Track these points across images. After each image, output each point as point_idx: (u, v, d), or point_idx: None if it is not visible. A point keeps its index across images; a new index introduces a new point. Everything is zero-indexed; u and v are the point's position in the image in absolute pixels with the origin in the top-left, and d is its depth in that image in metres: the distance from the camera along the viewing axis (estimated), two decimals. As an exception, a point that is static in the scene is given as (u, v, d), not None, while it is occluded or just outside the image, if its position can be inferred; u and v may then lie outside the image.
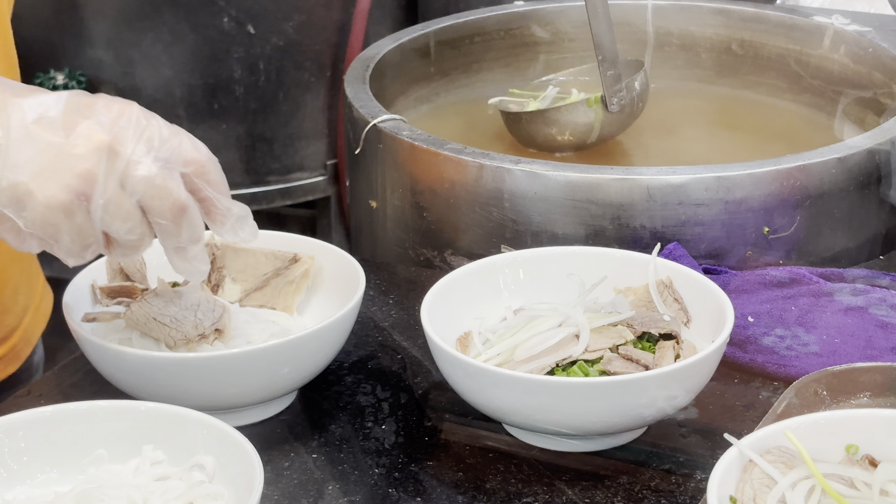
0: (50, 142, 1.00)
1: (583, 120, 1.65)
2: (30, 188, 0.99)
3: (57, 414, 1.04)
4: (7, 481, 1.01)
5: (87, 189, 1.00)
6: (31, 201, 0.99)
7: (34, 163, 1.00)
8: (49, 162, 0.99)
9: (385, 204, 1.54)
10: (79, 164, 1.00)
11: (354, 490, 1.09)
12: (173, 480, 1.01)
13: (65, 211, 1.00)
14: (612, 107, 1.65)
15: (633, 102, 1.67)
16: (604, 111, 1.65)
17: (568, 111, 1.65)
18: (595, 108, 1.65)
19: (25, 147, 1.00)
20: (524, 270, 1.25)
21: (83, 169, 1.00)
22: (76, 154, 1.00)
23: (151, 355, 1.11)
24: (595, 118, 1.65)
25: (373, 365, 1.27)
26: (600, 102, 1.65)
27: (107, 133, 1.01)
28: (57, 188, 0.99)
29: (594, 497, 1.07)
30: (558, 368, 1.12)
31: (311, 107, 2.64)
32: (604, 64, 1.64)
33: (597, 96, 1.65)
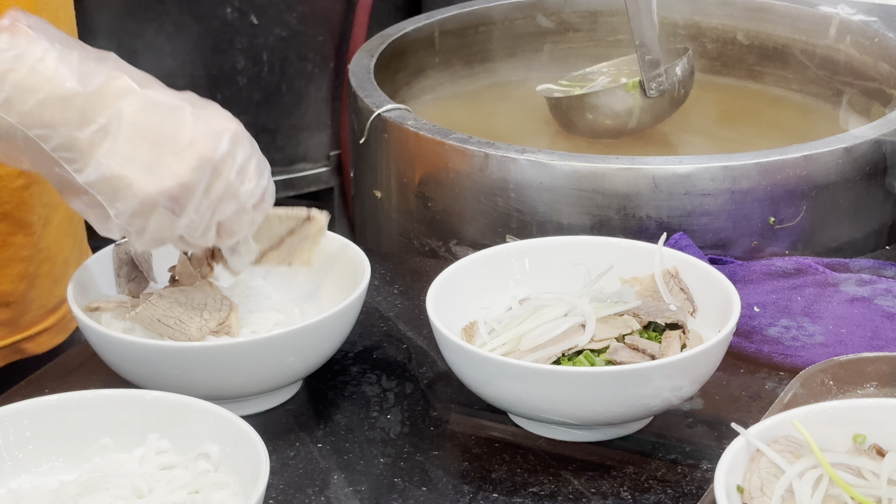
0: (159, 141, 1.03)
1: (621, 105, 1.64)
2: (130, 182, 1.02)
3: (62, 403, 1.04)
4: (12, 470, 1.01)
5: (183, 199, 1.04)
6: (127, 195, 1.02)
7: (140, 158, 1.02)
8: (155, 161, 1.02)
9: (390, 194, 1.54)
10: (183, 173, 1.03)
11: (360, 479, 1.09)
12: (178, 469, 1.01)
13: (156, 212, 1.04)
14: (651, 92, 1.63)
15: (674, 88, 1.66)
16: (643, 97, 1.64)
17: (606, 95, 1.64)
18: (633, 93, 1.63)
19: (134, 140, 1.02)
20: (530, 260, 1.25)
21: (185, 179, 1.03)
22: (182, 162, 1.03)
23: (156, 344, 1.11)
24: (634, 103, 1.64)
25: (378, 355, 1.26)
26: (639, 87, 1.64)
27: (214, 151, 1.04)
28: (156, 190, 1.03)
29: (600, 487, 1.07)
30: (564, 358, 1.12)
31: (314, 98, 2.63)
32: (641, 48, 1.63)
33: (635, 81, 1.64)
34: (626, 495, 1.06)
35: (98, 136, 1.02)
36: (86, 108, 1.01)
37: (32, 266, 1.29)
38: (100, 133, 1.02)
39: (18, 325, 1.30)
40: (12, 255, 1.27)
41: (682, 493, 1.06)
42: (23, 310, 1.29)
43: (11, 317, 1.28)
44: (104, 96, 1.02)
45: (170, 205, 1.03)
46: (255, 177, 1.08)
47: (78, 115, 1.01)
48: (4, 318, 1.28)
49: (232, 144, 1.05)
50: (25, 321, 1.30)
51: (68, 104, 1.01)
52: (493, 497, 1.06)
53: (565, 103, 1.68)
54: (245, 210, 1.08)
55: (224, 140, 1.05)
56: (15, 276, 1.27)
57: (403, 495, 1.07)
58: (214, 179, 1.05)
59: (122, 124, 1.02)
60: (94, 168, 1.02)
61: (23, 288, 1.28)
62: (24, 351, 1.31)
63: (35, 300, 1.31)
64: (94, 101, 1.01)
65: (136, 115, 1.02)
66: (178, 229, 1.06)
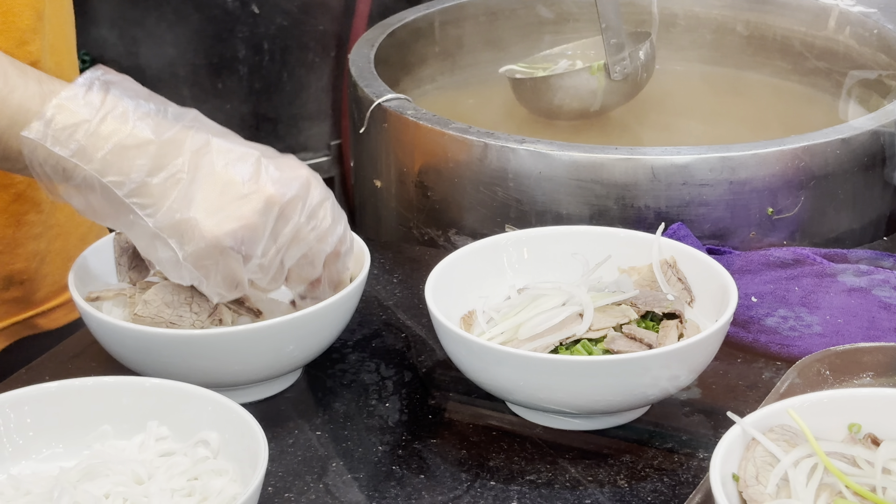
0: (228, 187, 1.05)
1: (586, 87, 1.66)
2: (198, 224, 1.05)
3: (62, 389, 1.04)
4: (13, 456, 1.02)
5: (248, 240, 1.06)
6: (194, 235, 1.05)
7: (208, 202, 1.05)
8: (222, 205, 1.05)
9: (389, 183, 1.55)
10: (248, 215, 1.05)
11: (358, 467, 1.09)
12: (178, 456, 1.01)
13: (223, 253, 1.06)
14: (615, 75, 1.66)
15: (637, 72, 1.68)
16: (607, 79, 1.66)
17: (571, 77, 1.66)
18: (598, 75, 1.66)
19: (204, 185, 1.05)
20: (528, 249, 1.25)
21: (251, 221, 1.05)
22: (250, 205, 1.05)
23: (157, 332, 1.11)
24: (598, 86, 1.66)
25: (377, 343, 1.27)
26: (603, 70, 1.66)
27: (282, 194, 1.06)
28: (222, 231, 1.05)
29: (597, 475, 1.08)
30: (562, 347, 1.13)
31: (315, 87, 2.64)
32: (607, 32, 1.64)
33: (600, 64, 1.66)
34: (623, 483, 1.07)
35: (170, 183, 1.05)
36: (159, 155, 1.04)
37: (44, 243, 1.31)
38: (171, 180, 1.05)
39: (31, 302, 1.32)
40: (25, 234, 1.29)
41: (678, 482, 1.06)
42: (35, 286, 1.31)
43: (24, 293, 1.30)
44: (177, 144, 1.05)
45: (236, 245, 1.06)
46: (329, 221, 1.10)
47: (151, 161, 1.04)
48: (18, 295, 1.30)
49: (301, 189, 1.08)
50: (38, 297, 1.33)
51: (142, 151, 1.04)
52: (491, 485, 1.07)
53: (529, 84, 1.70)
54: (316, 255, 1.11)
55: (293, 185, 1.07)
56: (28, 254, 1.29)
57: (401, 483, 1.07)
58: (281, 222, 1.07)
59: (193, 171, 1.05)
60: (164, 213, 1.05)
61: (35, 265, 1.30)
62: (37, 326, 1.33)
63: (47, 276, 1.33)
64: (167, 149, 1.05)
65: (207, 162, 1.05)
66: (247, 273, 1.08)
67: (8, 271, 1.28)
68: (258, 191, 1.05)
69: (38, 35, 1.23)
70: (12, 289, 1.30)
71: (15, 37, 1.21)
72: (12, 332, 1.32)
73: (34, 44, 1.23)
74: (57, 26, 1.29)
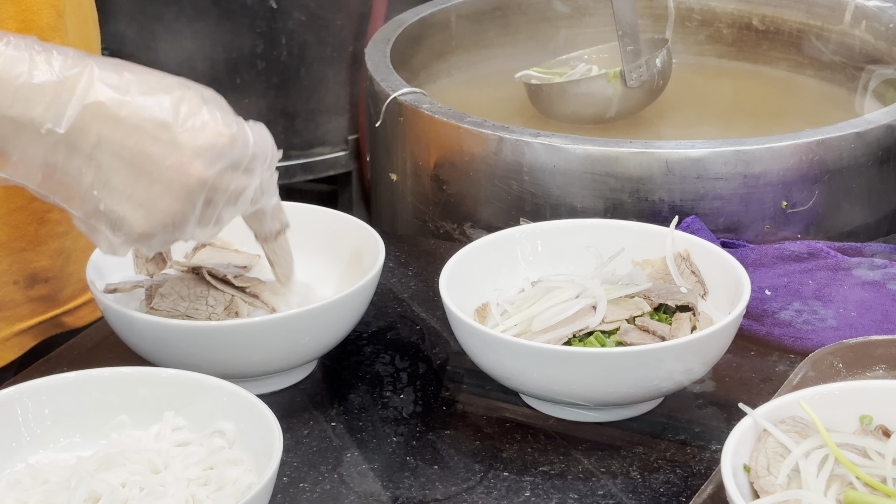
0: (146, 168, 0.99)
1: (601, 94, 1.66)
2: (124, 217, 1.00)
3: (80, 380, 1.05)
4: (31, 445, 1.03)
5: (180, 224, 1.02)
6: (122, 228, 1.01)
7: (129, 189, 0.99)
8: (145, 193, 1.00)
9: (405, 177, 1.55)
10: (174, 204, 1.00)
11: (373, 458, 1.10)
12: (194, 446, 1.02)
13: (155, 237, 1.03)
14: (631, 82, 1.65)
15: (653, 79, 1.68)
16: (623, 86, 1.66)
17: (587, 84, 1.66)
18: (614, 82, 1.65)
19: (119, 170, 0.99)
20: (542, 242, 1.26)
21: (178, 208, 1.01)
22: (172, 193, 1.00)
23: (174, 323, 1.12)
24: (614, 93, 1.66)
25: (392, 335, 1.28)
26: (619, 77, 1.66)
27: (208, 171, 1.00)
28: (150, 227, 1.01)
29: (610, 466, 1.08)
30: (575, 339, 1.13)
31: (332, 81, 2.64)
32: (623, 39, 1.64)
33: (616, 71, 1.66)
34: (636, 475, 1.07)
35: (84, 169, 0.99)
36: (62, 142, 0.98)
37: (69, 241, 1.31)
38: (85, 165, 0.99)
39: (57, 300, 1.32)
40: (49, 232, 1.29)
41: (690, 473, 1.07)
42: (61, 285, 1.31)
43: (49, 292, 1.30)
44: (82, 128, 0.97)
45: (168, 232, 1.03)
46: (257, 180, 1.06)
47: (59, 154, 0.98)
48: (43, 293, 1.30)
49: (223, 160, 1.01)
50: (64, 296, 1.32)
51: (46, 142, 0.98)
52: (504, 476, 1.07)
53: (545, 90, 1.69)
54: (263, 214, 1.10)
55: (213, 159, 1.00)
56: (52, 251, 1.29)
57: (415, 473, 1.08)
58: (211, 196, 1.02)
59: (105, 153, 0.98)
60: (86, 205, 1.00)
61: (60, 263, 1.30)
62: (63, 325, 1.34)
63: (73, 275, 1.33)
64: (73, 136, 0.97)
65: (118, 141, 0.98)
66: (184, 237, 1.05)
67: (32, 269, 1.29)
68: (181, 172, 0.99)
69: (59, 33, 1.24)
70: (37, 286, 1.30)
71: (34, 34, 1.22)
72: (39, 331, 1.32)
73: (54, 42, 1.23)
74: (78, 25, 1.29)
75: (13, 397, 1.03)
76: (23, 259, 1.28)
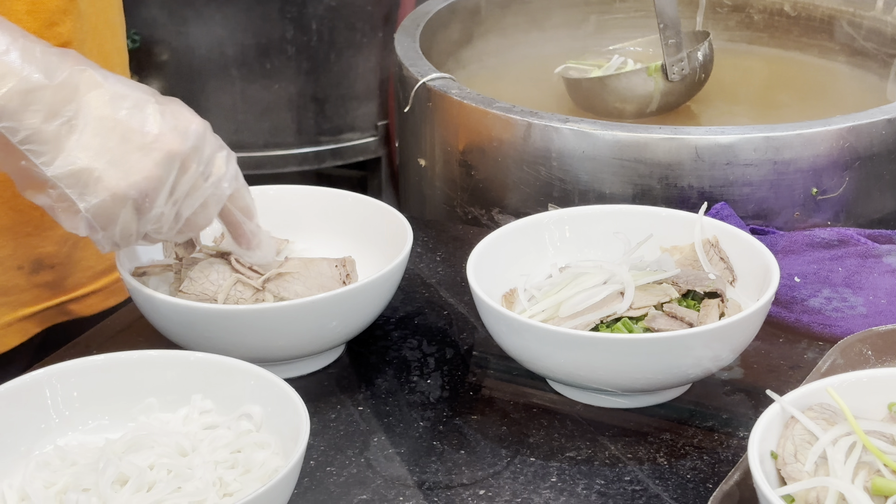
0: (127, 135, 1.04)
1: (642, 88, 1.65)
2: (100, 175, 1.03)
3: (109, 362, 1.06)
4: (60, 427, 1.04)
5: (152, 193, 1.05)
6: (97, 188, 1.03)
7: (108, 151, 1.03)
8: (123, 155, 1.04)
9: (434, 162, 1.55)
10: (151, 167, 1.04)
11: (399, 442, 1.11)
12: (221, 429, 1.03)
13: (126, 205, 1.04)
14: (673, 76, 1.64)
15: (695, 73, 1.66)
16: (664, 80, 1.65)
17: (628, 78, 1.65)
18: (655, 76, 1.64)
19: (101, 132, 1.03)
20: (570, 228, 1.26)
21: (155, 174, 1.04)
22: (152, 156, 1.04)
23: (202, 307, 1.12)
24: (655, 87, 1.64)
25: (419, 321, 1.28)
26: (660, 71, 1.64)
27: (182, 145, 1.05)
28: (126, 184, 1.04)
29: (637, 452, 1.08)
30: (603, 325, 1.13)
31: (362, 67, 2.65)
32: (665, 32, 1.63)
33: (657, 65, 1.65)
34: (663, 461, 1.07)
35: (65, 129, 1.02)
36: (52, 100, 1.02)
37: None
38: (66, 126, 1.02)
39: (63, 287, 1.31)
40: None
41: (717, 460, 1.07)
42: (68, 272, 1.31)
43: (55, 278, 1.30)
44: (70, 89, 1.02)
45: (140, 198, 1.04)
46: (224, 170, 1.09)
47: (45, 107, 1.02)
48: (49, 280, 1.30)
49: (199, 139, 1.07)
50: (71, 283, 1.32)
51: (35, 97, 1.01)
52: (531, 461, 1.08)
53: (585, 85, 1.68)
54: (209, 204, 1.10)
55: (191, 136, 1.06)
56: (59, 237, 1.28)
57: (442, 458, 1.08)
58: (181, 174, 1.06)
59: (88, 117, 1.03)
60: (62, 161, 1.02)
61: (67, 250, 1.30)
62: (71, 312, 1.33)
63: (80, 262, 1.32)
64: (60, 94, 1.02)
65: (102, 108, 1.03)
66: (144, 225, 1.07)
67: (37, 254, 1.28)
68: (159, 141, 1.04)
69: (70, 16, 1.23)
70: (42, 272, 1.29)
71: (43, 17, 1.20)
72: (44, 318, 1.31)
73: (64, 25, 1.22)
74: (99, 9, 1.29)
75: (42, 379, 1.04)
76: (28, 244, 1.27)
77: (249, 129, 2.63)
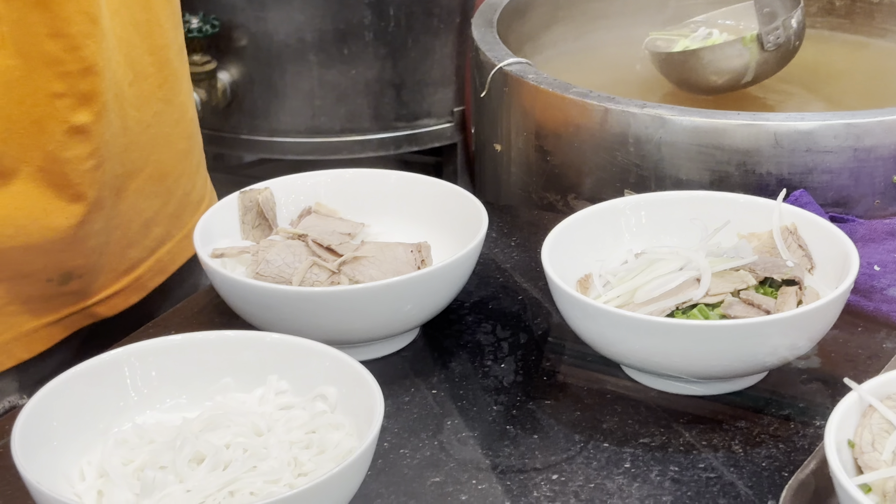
0: None
1: (738, 59, 1.62)
2: None
3: (186, 342, 1.07)
4: (138, 405, 1.05)
5: None
6: None
7: None
8: None
9: (509, 147, 1.55)
10: None
11: (473, 425, 1.11)
12: (296, 410, 1.03)
13: None
14: (768, 45, 1.61)
15: (789, 41, 1.64)
16: (759, 50, 1.62)
17: (722, 50, 1.62)
18: (750, 46, 1.61)
19: None
20: (646, 214, 1.25)
21: None
22: None
23: (279, 288, 1.13)
24: (750, 57, 1.62)
25: (493, 305, 1.28)
26: (756, 41, 1.62)
27: None
28: None
29: (711, 440, 1.07)
30: (678, 311, 1.12)
31: (439, 53, 2.65)
32: (759, 1, 1.60)
33: (752, 35, 1.62)
34: (738, 449, 1.06)
35: None
36: None
37: (103, 237, 1.30)
38: None
39: (88, 293, 1.31)
40: (87, 231, 1.28)
41: (793, 448, 1.06)
42: (94, 277, 1.31)
43: (82, 286, 1.30)
44: None
45: None
46: None
47: None
48: (76, 288, 1.30)
49: None
50: (95, 287, 1.32)
51: None
52: (604, 447, 1.07)
53: (678, 58, 1.66)
54: None
55: None
56: (88, 250, 1.29)
57: (515, 442, 1.08)
58: None
59: None
60: None
61: (94, 259, 1.30)
62: (95, 315, 1.33)
63: (105, 266, 1.32)
64: None
65: None
66: None
67: (68, 268, 1.28)
68: None
69: (93, 39, 1.21)
70: (72, 283, 1.29)
71: (66, 42, 1.19)
72: (70, 323, 1.32)
73: (88, 48, 1.20)
74: (126, 17, 1.27)
75: (121, 358, 1.05)
76: (58, 259, 1.27)
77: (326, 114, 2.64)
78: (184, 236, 1.41)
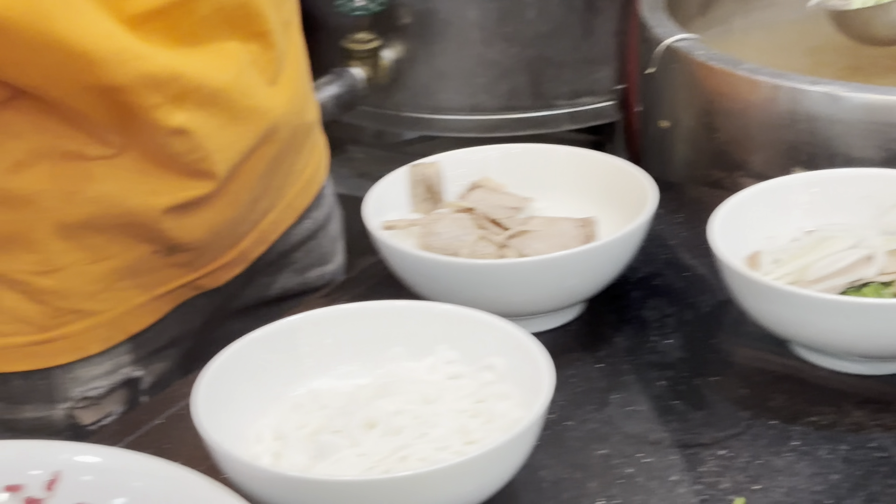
0: None
1: None
2: None
3: (359, 311, 1.09)
4: (313, 371, 1.07)
5: None
6: None
7: None
8: None
9: (676, 124, 1.54)
10: None
11: (638, 400, 1.11)
12: (465, 379, 1.05)
13: None
14: None
15: None
16: None
17: None
18: None
19: None
20: (817, 191, 1.23)
21: None
22: None
23: (447, 260, 1.15)
24: None
25: (659, 281, 1.28)
26: None
27: None
28: None
29: (883, 420, 1.06)
30: (850, 290, 1.11)
31: (601, 31, 2.63)
32: None
33: None
34: (910, 430, 1.05)
35: None
36: None
37: (219, 216, 1.30)
38: None
39: (195, 265, 1.31)
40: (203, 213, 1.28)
41: (968, 431, 1.04)
42: (202, 252, 1.31)
43: (190, 259, 1.30)
44: None
45: None
46: None
47: None
48: (184, 261, 1.30)
49: None
50: (203, 261, 1.32)
51: None
52: (771, 424, 1.07)
53: (864, 15, 1.60)
54: None
55: None
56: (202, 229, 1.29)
57: (681, 417, 1.08)
58: None
59: None
60: None
61: (206, 236, 1.30)
62: (201, 287, 1.33)
63: (214, 242, 1.31)
64: None
65: None
66: None
67: (175, 243, 1.28)
68: None
69: None
70: (178, 255, 1.29)
71: None
72: (177, 296, 1.32)
73: None
74: None
75: (296, 325, 1.08)
76: (167, 237, 1.27)
77: (487, 92, 2.65)
78: (286, 205, 1.40)
